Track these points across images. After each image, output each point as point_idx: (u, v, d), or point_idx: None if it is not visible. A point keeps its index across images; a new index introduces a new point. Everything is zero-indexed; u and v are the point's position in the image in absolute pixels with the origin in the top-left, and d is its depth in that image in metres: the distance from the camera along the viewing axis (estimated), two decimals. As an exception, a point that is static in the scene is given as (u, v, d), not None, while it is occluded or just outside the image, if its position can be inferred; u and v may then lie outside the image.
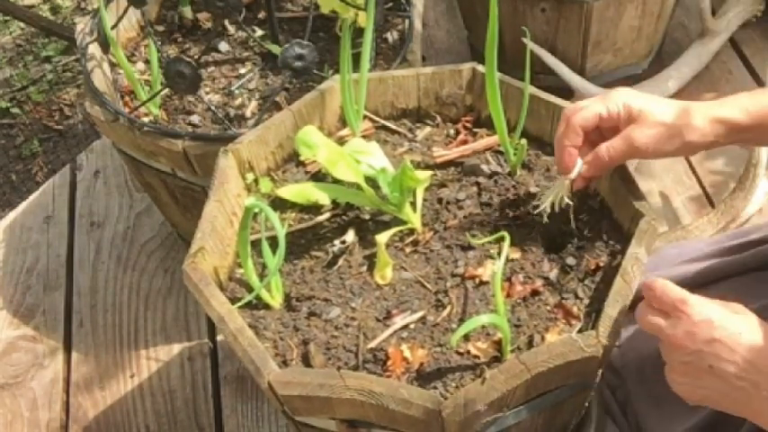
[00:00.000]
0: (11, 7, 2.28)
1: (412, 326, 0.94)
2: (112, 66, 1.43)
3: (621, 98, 0.91)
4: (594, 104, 0.92)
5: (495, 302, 0.89)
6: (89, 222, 1.76)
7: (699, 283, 1.14)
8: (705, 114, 0.89)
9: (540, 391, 0.89)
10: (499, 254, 0.95)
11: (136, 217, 1.76)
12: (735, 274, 1.11)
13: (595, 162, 0.93)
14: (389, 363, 0.90)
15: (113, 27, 1.34)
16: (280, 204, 1.07)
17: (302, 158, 1.11)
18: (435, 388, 0.88)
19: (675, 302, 0.81)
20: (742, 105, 0.90)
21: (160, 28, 1.52)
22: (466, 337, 0.91)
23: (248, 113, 1.36)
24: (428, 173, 1.03)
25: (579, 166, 0.94)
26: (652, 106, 0.90)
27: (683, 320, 0.79)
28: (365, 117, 1.15)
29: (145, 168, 1.38)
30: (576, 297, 0.94)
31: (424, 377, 0.89)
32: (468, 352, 0.90)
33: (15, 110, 2.53)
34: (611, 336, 0.86)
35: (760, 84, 1.87)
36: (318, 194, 1.03)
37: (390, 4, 1.46)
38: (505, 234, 0.94)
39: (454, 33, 2.09)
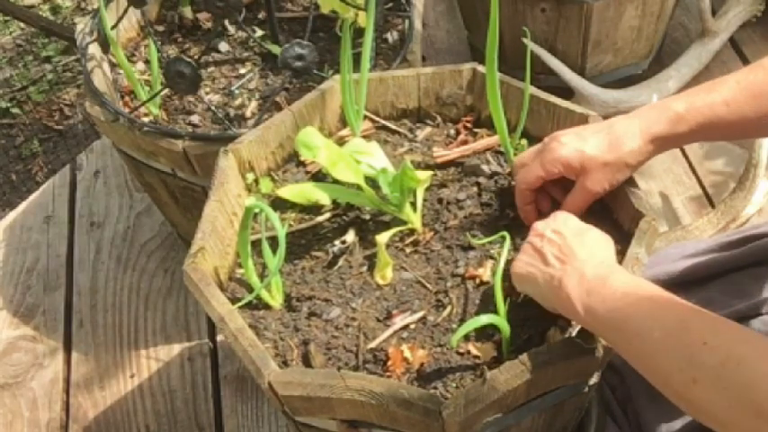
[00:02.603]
0: (11, 7, 2.28)
1: (412, 326, 0.94)
2: (112, 66, 1.43)
3: (556, 156, 0.94)
4: (534, 167, 0.96)
5: (496, 303, 0.89)
6: (89, 222, 1.76)
7: (697, 279, 1.14)
8: (635, 134, 0.93)
9: (540, 392, 0.89)
10: (500, 254, 0.95)
11: (136, 217, 1.76)
12: (733, 269, 1.11)
13: None
14: (390, 363, 0.90)
15: (113, 27, 1.33)
16: (280, 204, 1.07)
17: (302, 158, 1.11)
18: (436, 388, 0.88)
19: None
20: (676, 111, 0.92)
21: (160, 28, 1.52)
22: (466, 338, 0.91)
23: (248, 113, 1.36)
24: (428, 173, 1.03)
25: None
26: (588, 152, 0.93)
27: (551, 216, 0.92)
28: (365, 117, 1.14)
29: (145, 168, 1.38)
30: (577, 297, 0.94)
31: (424, 377, 0.89)
32: (469, 352, 0.90)
33: (15, 110, 2.53)
34: (611, 336, 0.85)
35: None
36: (319, 194, 1.03)
37: (390, 4, 1.46)
38: (506, 234, 0.94)
39: (454, 33, 2.09)
